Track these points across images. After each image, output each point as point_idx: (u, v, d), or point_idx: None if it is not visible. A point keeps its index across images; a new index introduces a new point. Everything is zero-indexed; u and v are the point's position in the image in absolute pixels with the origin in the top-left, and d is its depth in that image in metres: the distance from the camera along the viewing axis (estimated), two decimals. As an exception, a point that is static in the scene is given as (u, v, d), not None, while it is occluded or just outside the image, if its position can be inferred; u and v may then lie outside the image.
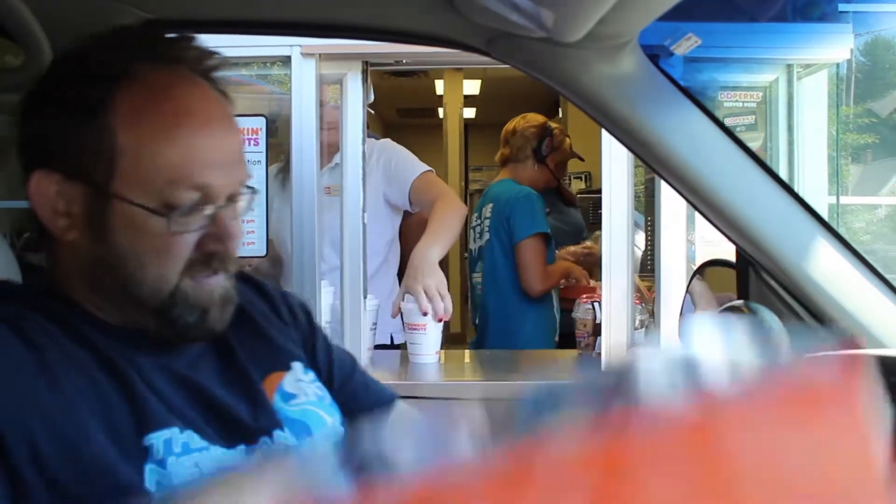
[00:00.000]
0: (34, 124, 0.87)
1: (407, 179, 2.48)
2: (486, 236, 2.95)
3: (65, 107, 0.85)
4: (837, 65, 3.78)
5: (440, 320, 2.18)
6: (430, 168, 2.54)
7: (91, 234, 0.85)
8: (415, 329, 2.18)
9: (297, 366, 1.03)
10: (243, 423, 0.92)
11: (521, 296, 2.87)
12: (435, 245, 2.20)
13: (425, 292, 2.13)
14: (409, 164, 2.52)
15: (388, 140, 2.65)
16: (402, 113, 9.25)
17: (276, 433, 0.94)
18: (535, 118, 3.11)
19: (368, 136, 2.43)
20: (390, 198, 2.53)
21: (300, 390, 1.00)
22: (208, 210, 0.86)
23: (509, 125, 3.10)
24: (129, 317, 0.89)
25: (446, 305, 2.15)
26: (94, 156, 0.83)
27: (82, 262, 0.87)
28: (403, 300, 2.18)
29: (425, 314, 2.14)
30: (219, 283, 0.90)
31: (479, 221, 3.03)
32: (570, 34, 1.06)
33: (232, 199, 0.89)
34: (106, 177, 0.83)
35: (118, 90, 0.83)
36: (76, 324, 0.86)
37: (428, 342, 2.18)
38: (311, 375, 1.04)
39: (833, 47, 3.31)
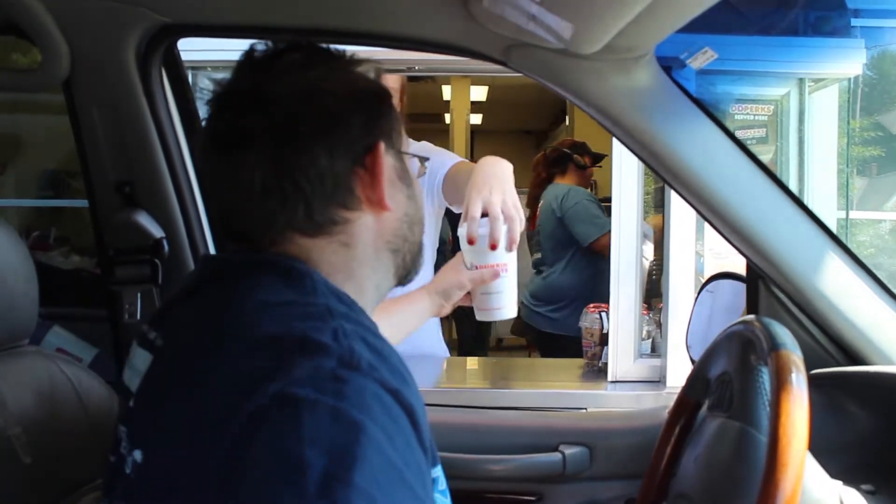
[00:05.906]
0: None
1: (438, 174, 1.98)
2: None
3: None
4: (849, 79, 3.78)
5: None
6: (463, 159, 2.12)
7: (406, 191, 0.94)
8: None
9: None
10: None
11: None
12: (504, 162, 1.51)
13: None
14: (441, 159, 2.02)
15: (424, 143, 2.19)
16: (407, 118, 9.21)
17: None
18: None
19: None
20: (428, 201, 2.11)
21: None
22: None
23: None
24: (399, 274, 0.96)
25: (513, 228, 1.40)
26: (395, 128, 0.94)
27: (393, 225, 0.92)
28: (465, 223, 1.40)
29: (493, 247, 1.36)
30: None
31: None
32: (587, 46, 1.07)
33: None
34: (399, 142, 0.94)
35: None
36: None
37: (510, 287, 1.41)
38: None
39: (845, 62, 3.32)
